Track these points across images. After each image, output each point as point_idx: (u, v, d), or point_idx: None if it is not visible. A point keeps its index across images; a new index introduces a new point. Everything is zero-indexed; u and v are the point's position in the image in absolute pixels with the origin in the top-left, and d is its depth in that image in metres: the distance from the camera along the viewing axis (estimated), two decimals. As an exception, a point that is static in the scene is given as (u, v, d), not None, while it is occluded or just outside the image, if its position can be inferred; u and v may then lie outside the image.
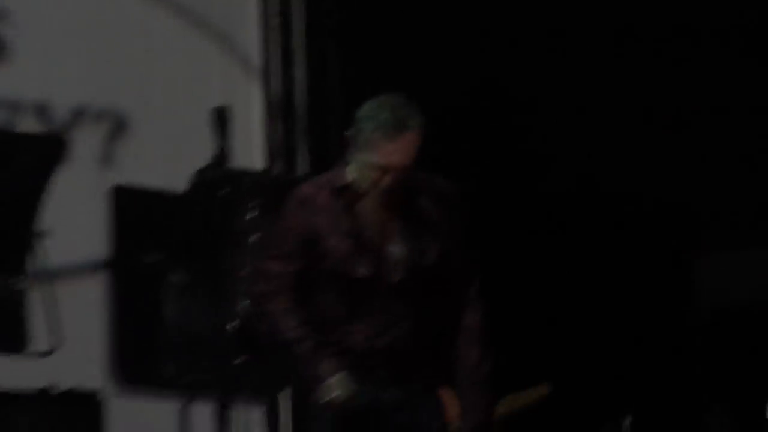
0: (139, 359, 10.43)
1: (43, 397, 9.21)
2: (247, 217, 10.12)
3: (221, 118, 9.42)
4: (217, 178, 9.75)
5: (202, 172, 9.81)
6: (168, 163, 10.87)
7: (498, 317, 8.27)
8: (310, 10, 12.40)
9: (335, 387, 6.76)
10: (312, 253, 6.81)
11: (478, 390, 6.71)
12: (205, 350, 9.64)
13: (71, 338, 9.52)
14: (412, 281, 6.84)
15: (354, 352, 6.85)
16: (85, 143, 11.39)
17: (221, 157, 9.49)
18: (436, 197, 7.09)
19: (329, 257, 6.76)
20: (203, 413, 9.89)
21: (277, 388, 10.72)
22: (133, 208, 10.80)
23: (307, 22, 12.43)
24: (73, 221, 10.51)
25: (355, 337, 6.85)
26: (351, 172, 6.88)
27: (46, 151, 10.20)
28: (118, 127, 11.74)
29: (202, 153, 9.81)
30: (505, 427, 9.07)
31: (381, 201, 6.62)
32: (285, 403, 11.30)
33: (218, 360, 9.57)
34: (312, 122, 12.35)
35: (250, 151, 11.98)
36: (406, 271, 6.87)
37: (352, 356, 6.88)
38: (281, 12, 12.35)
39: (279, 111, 12.33)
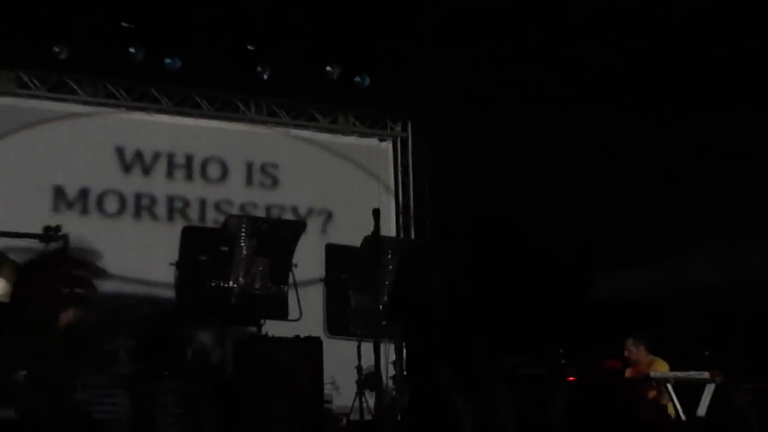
0: (339, 322, 10.32)
1: (295, 340, 9.21)
2: (388, 257, 10.21)
3: (376, 214, 8.99)
4: (373, 241, 9.36)
5: (366, 238, 9.64)
6: (351, 234, 10.51)
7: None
8: (417, 164, 12.70)
9: None
10: None
11: None
12: (368, 318, 9.62)
13: (306, 313, 9.74)
14: None
15: None
16: (313, 224, 11.78)
17: (375, 231, 9.05)
18: None
19: None
20: (367, 348, 9.32)
21: (402, 336, 10.56)
22: (335, 254, 10.75)
23: (415, 168, 12.76)
24: (308, 260, 10.50)
25: None
26: None
27: (296, 229, 10.46)
28: (328, 217, 12.27)
29: (365, 230, 9.34)
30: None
31: None
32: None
33: (375, 322, 9.36)
34: (417, 216, 12.62)
35: (389, 229, 12.19)
36: None
37: None
38: (403, 164, 12.82)
39: (402, 211, 12.72)
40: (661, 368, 9.26)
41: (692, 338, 9.84)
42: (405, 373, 10.51)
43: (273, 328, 9.72)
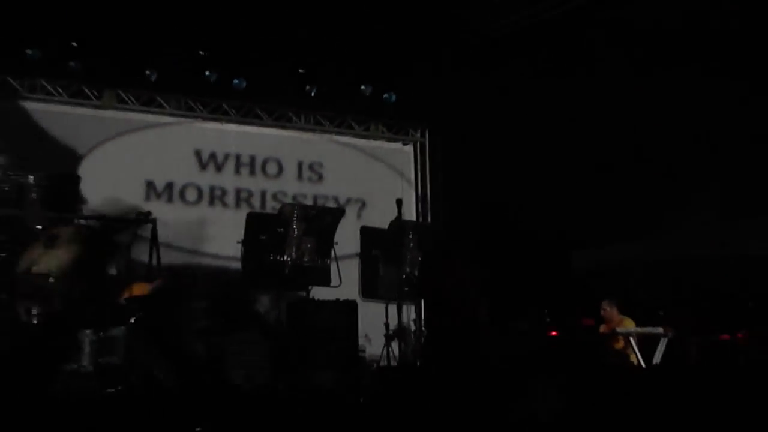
0: (370, 288, 10.35)
1: (336, 302, 9.23)
2: (409, 237, 10.14)
3: (399, 203, 9.24)
4: (397, 224, 9.78)
5: (392, 222, 10.02)
6: (381, 219, 10.80)
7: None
8: (432, 163, 12.70)
9: None
10: None
11: None
12: (394, 285, 9.81)
13: (345, 281, 9.87)
14: None
15: None
16: (350, 211, 11.58)
17: (399, 216, 9.34)
18: None
19: None
20: (392, 308, 9.54)
21: (419, 299, 10.62)
22: (368, 234, 10.67)
23: (431, 167, 12.69)
24: (347, 239, 10.48)
25: None
26: None
27: (337, 215, 10.42)
28: (362, 205, 12.14)
29: (391, 215, 9.70)
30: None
31: None
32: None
33: (398, 289, 9.65)
34: (433, 205, 12.56)
35: (410, 214, 12.17)
36: None
37: None
38: (421, 163, 12.72)
39: (420, 201, 12.63)
40: (629, 325, 9.27)
41: (652, 301, 9.69)
42: (423, 328, 10.54)
43: (318, 293, 9.81)
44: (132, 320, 8.17)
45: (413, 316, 10.25)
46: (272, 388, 8.26)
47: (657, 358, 8.83)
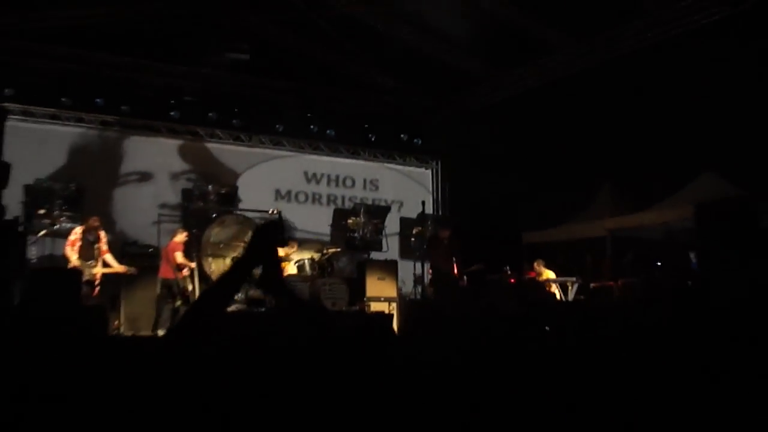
0: (406, 251, 10.41)
1: (386, 261, 9.44)
2: (428, 223, 10.19)
3: (423, 204, 9.71)
4: (422, 216, 9.81)
5: (419, 215, 9.76)
6: (412, 212, 10.78)
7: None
8: (443, 180, 12.43)
9: None
10: None
11: None
12: (419, 249, 9.52)
13: (391, 248, 10.25)
14: None
15: None
16: (394, 207, 11.58)
17: (422, 211, 9.68)
18: None
19: None
20: (418, 264, 9.41)
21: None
22: (404, 222, 10.68)
23: (441, 182, 12.46)
24: (392, 223, 10.75)
25: None
26: None
27: (386, 210, 10.72)
28: (401, 205, 11.84)
29: (418, 210, 9.91)
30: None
31: None
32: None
33: (422, 252, 9.32)
34: (443, 205, 12.34)
35: (429, 209, 11.75)
36: None
37: None
38: (436, 180, 12.46)
39: (435, 201, 12.33)
40: (552, 275, 9.45)
41: (567, 262, 9.81)
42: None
43: (375, 255, 10.16)
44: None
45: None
46: (348, 311, 8.39)
47: (570, 296, 9.15)
